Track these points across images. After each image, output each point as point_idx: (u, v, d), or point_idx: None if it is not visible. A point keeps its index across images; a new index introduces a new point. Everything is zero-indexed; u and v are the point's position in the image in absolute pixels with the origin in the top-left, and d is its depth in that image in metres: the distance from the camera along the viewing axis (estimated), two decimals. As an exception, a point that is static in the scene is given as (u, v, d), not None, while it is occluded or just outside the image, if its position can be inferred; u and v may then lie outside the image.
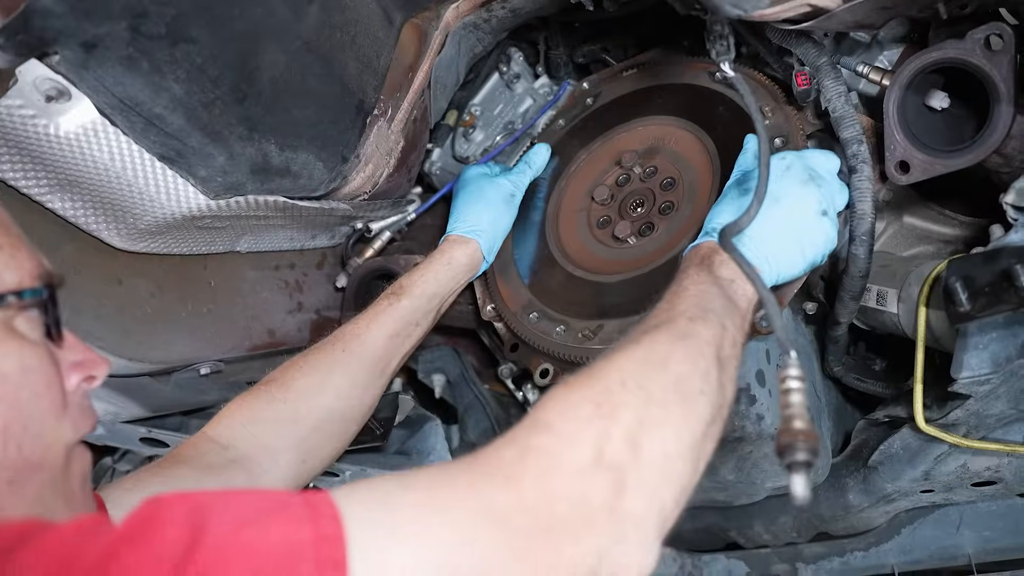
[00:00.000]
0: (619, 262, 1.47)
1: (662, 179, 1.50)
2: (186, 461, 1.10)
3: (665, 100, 1.58)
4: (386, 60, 1.45)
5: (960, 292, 1.08)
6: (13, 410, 0.72)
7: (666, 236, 1.44)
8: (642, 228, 1.48)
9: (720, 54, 1.12)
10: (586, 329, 1.41)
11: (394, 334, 1.35)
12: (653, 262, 1.41)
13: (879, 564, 1.71)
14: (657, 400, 0.80)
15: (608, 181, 1.58)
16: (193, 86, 1.13)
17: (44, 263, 0.79)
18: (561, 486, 0.71)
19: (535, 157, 1.64)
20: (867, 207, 1.21)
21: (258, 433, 1.18)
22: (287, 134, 1.29)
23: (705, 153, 1.47)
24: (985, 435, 1.39)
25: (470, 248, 1.48)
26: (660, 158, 1.53)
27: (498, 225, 1.53)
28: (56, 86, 1.04)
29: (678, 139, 1.52)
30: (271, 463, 1.17)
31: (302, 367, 1.27)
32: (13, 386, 0.72)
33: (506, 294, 1.56)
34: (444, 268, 1.44)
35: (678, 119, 1.54)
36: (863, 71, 1.30)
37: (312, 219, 1.55)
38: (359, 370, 1.30)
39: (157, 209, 1.25)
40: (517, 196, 1.58)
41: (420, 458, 1.73)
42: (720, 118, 1.47)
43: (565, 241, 1.57)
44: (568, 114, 1.75)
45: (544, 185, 1.67)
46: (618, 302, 1.41)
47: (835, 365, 1.50)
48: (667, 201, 1.47)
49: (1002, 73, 1.11)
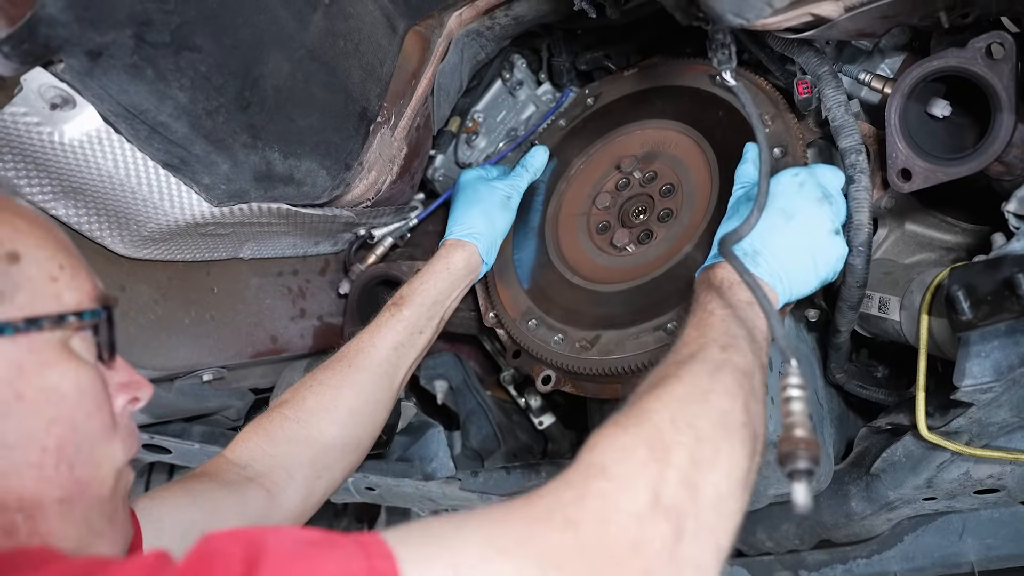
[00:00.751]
0: (617, 270, 1.47)
1: (661, 185, 1.50)
2: (208, 477, 1.13)
3: (665, 103, 1.57)
4: (389, 68, 1.45)
5: (962, 301, 1.08)
6: (68, 430, 0.73)
7: (665, 245, 1.43)
8: (641, 235, 1.47)
9: (722, 63, 1.13)
10: (584, 339, 1.41)
11: (398, 345, 1.36)
12: (651, 272, 1.41)
13: (882, 572, 1.71)
14: (707, 437, 0.80)
15: (608, 186, 1.57)
16: (197, 94, 1.13)
17: (99, 285, 0.81)
18: (620, 531, 0.71)
19: (532, 160, 1.64)
20: (864, 218, 1.21)
21: (273, 453, 1.20)
22: (291, 142, 1.30)
23: (704, 159, 1.46)
24: (988, 443, 1.38)
25: (467, 252, 1.48)
26: (660, 163, 1.52)
27: (495, 228, 1.53)
28: (61, 94, 1.04)
29: (678, 144, 1.51)
30: (287, 480, 1.19)
31: (312, 387, 1.29)
32: (69, 406, 0.73)
33: (506, 300, 1.56)
34: (443, 274, 1.45)
35: (678, 123, 1.53)
36: (865, 79, 1.30)
37: (315, 226, 1.56)
38: (367, 384, 1.32)
39: (161, 216, 1.25)
40: (514, 198, 1.58)
41: (422, 465, 1.73)
42: (720, 123, 1.46)
43: (564, 247, 1.57)
44: (569, 115, 1.74)
45: (543, 188, 1.66)
46: (615, 312, 1.41)
47: (837, 372, 1.50)
48: (666, 208, 1.47)
49: (1003, 81, 1.11)
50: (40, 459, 0.71)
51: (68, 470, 0.72)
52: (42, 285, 0.74)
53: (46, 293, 0.74)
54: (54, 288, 0.75)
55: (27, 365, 0.71)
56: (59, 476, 0.72)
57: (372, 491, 1.83)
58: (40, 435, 0.71)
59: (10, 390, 0.70)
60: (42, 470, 0.71)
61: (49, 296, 0.74)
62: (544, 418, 2.01)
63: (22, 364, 0.71)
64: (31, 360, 0.72)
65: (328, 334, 1.75)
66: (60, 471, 0.72)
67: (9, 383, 0.70)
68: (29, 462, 0.70)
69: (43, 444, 0.71)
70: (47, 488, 0.71)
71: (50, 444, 0.71)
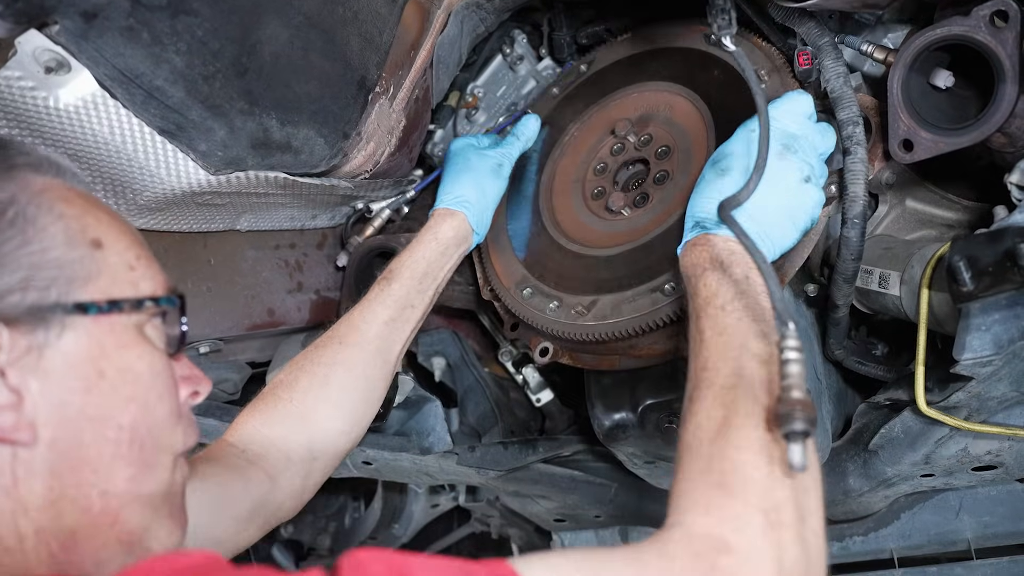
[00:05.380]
0: (613, 234, 1.45)
1: (657, 147, 1.47)
2: (215, 460, 1.14)
3: (659, 65, 1.55)
4: (388, 37, 1.44)
5: (964, 271, 1.08)
6: (142, 410, 0.77)
7: (660, 207, 1.41)
8: (636, 199, 1.45)
9: (722, 28, 1.12)
10: (579, 305, 1.39)
11: (389, 319, 1.35)
12: (646, 235, 1.39)
13: (878, 549, 1.72)
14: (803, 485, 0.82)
15: (602, 151, 1.55)
16: (194, 59, 1.12)
17: (168, 279, 0.86)
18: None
19: (524, 128, 1.60)
20: (859, 190, 1.21)
21: (270, 435, 1.21)
22: (288, 109, 1.29)
23: (700, 119, 1.43)
24: (986, 418, 1.38)
25: (456, 220, 1.46)
26: (655, 125, 1.50)
27: (486, 196, 1.51)
28: (56, 57, 1.03)
29: (673, 105, 1.49)
30: (285, 462, 1.20)
31: (303, 366, 1.29)
32: (144, 387, 0.78)
33: (500, 269, 1.54)
34: (432, 245, 1.43)
35: (673, 84, 1.50)
36: (868, 50, 1.29)
37: (313, 197, 1.55)
38: (360, 361, 1.31)
39: (157, 184, 1.24)
40: (506, 167, 1.55)
41: (419, 439, 1.73)
42: (715, 82, 1.43)
43: (559, 214, 1.55)
44: (562, 83, 1.72)
45: (536, 157, 1.64)
46: (611, 276, 1.39)
47: (836, 348, 1.50)
48: (662, 170, 1.44)
49: (1007, 50, 1.10)
50: (117, 435, 0.75)
51: (139, 450, 0.77)
52: (122, 272, 0.79)
53: (125, 279, 0.79)
54: (132, 276, 0.80)
55: (108, 345, 0.76)
56: (131, 453, 0.76)
57: (369, 465, 1.83)
58: (118, 412, 0.76)
59: (93, 367, 0.75)
60: (118, 446, 0.75)
61: (127, 283, 0.79)
62: (542, 395, 2.01)
63: (103, 343, 0.76)
64: (111, 340, 0.76)
65: (325, 308, 1.75)
66: (132, 449, 0.76)
67: (92, 361, 0.75)
68: (107, 437, 0.75)
69: (119, 421, 0.75)
70: (119, 465, 0.75)
71: (126, 421, 0.76)
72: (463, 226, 1.47)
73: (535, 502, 2.11)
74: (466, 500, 2.57)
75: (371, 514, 2.65)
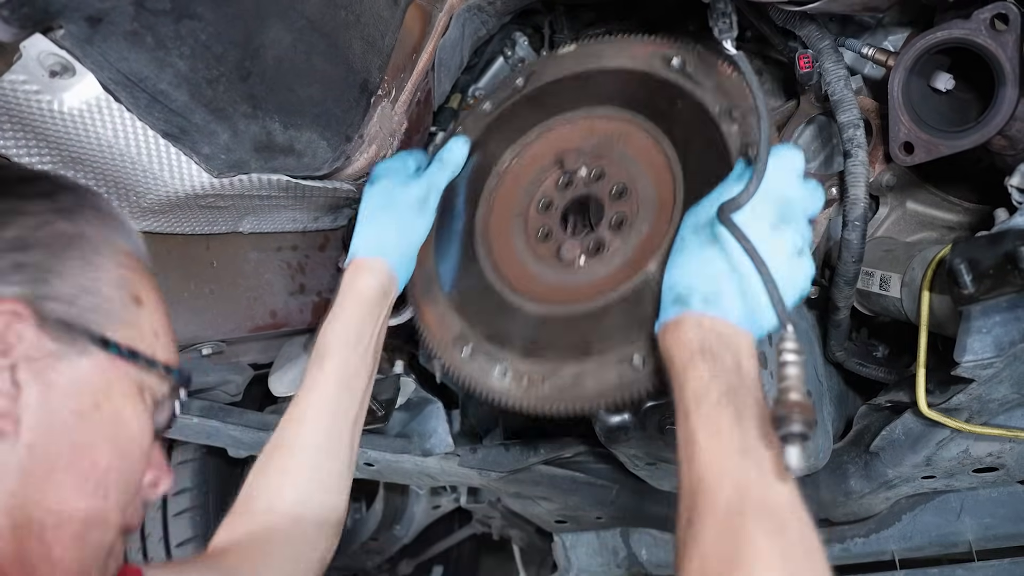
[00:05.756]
0: (566, 289, 1.23)
1: (611, 186, 1.26)
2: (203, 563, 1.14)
3: (612, 89, 1.32)
4: (391, 40, 1.45)
5: (964, 274, 1.08)
6: (117, 459, 0.80)
7: (620, 259, 1.19)
8: (591, 246, 1.23)
9: (723, 31, 1.12)
10: (533, 372, 1.18)
11: (335, 397, 1.24)
12: (610, 293, 1.16)
13: (879, 551, 1.72)
14: None
15: (546, 183, 1.34)
16: (198, 63, 1.13)
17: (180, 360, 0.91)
18: None
19: (450, 153, 1.41)
20: (860, 192, 1.21)
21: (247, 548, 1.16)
22: (291, 112, 1.29)
23: (663, 158, 1.23)
24: (987, 420, 1.39)
25: (377, 269, 1.30)
26: (608, 160, 1.28)
27: (409, 236, 1.35)
28: (60, 61, 1.04)
29: (628, 137, 1.28)
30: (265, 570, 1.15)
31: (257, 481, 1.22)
32: (126, 439, 0.81)
33: (432, 321, 1.33)
34: (355, 308, 1.29)
35: (627, 111, 1.30)
36: (868, 53, 1.30)
37: (315, 200, 1.55)
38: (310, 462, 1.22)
39: (160, 187, 1.25)
40: (432, 199, 1.37)
41: (421, 441, 1.74)
42: (679, 117, 1.22)
43: (499, 257, 1.33)
44: (496, 97, 1.48)
45: (465, 185, 1.42)
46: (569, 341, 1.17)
47: (837, 350, 1.50)
48: (619, 212, 1.23)
49: (1008, 53, 1.11)
50: (89, 470, 0.77)
51: (102, 497, 0.79)
52: (148, 333, 0.86)
53: (148, 341, 0.85)
54: (154, 341, 0.86)
55: (114, 386, 0.80)
56: (93, 497, 0.78)
57: (371, 467, 1.83)
58: (97, 449, 0.78)
59: (92, 398, 0.78)
60: (86, 481, 0.77)
61: (148, 344, 0.85)
62: (543, 397, 2.00)
63: (110, 382, 0.80)
64: (117, 385, 0.81)
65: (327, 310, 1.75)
66: (97, 491, 0.78)
67: (94, 392, 0.79)
68: (80, 467, 0.77)
69: (96, 458, 0.78)
70: (81, 501, 0.77)
71: (101, 462, 0.78)
72: (385, 275, 1.31)
73: (536, 503, 2.11)
74: (467, 501, 2.57)
75: (372, 515, 2.65)
